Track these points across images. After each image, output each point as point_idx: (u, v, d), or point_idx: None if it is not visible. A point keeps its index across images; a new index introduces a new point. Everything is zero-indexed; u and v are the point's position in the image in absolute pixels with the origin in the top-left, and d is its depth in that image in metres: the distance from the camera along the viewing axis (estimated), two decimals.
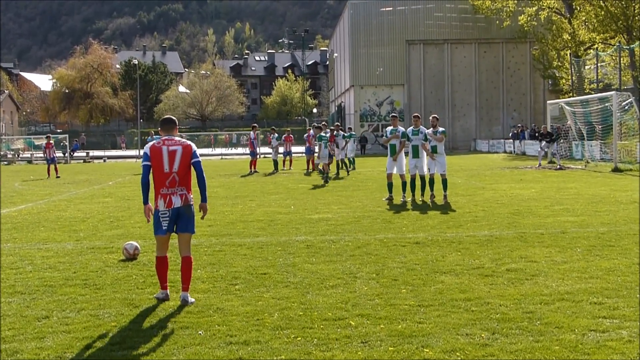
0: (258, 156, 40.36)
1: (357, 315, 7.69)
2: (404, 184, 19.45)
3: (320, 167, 31.79)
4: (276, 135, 39.71)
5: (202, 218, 9.03)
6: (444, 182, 19.24)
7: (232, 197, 22.36)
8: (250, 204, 19.81)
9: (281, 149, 40.34)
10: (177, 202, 8.57)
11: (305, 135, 36.55)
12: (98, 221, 16.49)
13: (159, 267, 8.65)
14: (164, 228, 8.54)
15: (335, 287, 9.04)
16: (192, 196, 8.76)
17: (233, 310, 8.00)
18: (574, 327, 7.05)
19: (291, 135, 41.17)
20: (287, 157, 39.83)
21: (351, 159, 35.70)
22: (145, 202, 8.67)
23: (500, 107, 74.01)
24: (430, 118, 19.97)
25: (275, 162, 36.93)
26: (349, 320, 7.50)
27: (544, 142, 36.92)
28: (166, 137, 8.67)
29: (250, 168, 36.12)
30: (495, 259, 10.72)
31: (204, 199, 8.81)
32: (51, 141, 38.59)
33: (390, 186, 19.51)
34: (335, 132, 32.35)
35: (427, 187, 19.44)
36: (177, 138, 8.69)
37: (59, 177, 36.04)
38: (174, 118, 8.99)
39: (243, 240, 13.02)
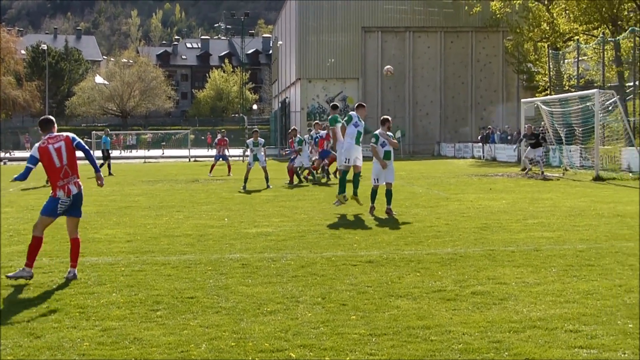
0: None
1: (299, 346, 7.67)
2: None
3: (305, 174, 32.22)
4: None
5: (101, 186, 11.86)
6: (390, 194, 19.35)
7: (156, 207, 22.21)
8: (177, 216, 19.70)
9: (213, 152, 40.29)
10: (74, 189, 11.13)
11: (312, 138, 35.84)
12: None
13: (34, 246, 11.00)
14: (58, 212, 11.11)
15: (274, 313, 9.02)
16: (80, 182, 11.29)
17: (153, 340, 7.93)
18: (546, 359, 7.12)
19: (226, 139, 41.03)
20: (224, 162, 39.63)
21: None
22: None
23: (469, 105, 74.83)
24: (386, 118, 20.05)
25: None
26: (289, 352, 7.48)
27: (528, 147, 36.46)
28: (48, 136, 11.15)
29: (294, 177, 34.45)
30: (459, 280, 10.79)
31: (96, 170, 11.51)
32: None
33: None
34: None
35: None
36: (57, 134, 11.21)
37: None
38: (51, 118, 11.61)
39: (167, 259, 12.93)
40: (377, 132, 19.45)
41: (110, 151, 43.25)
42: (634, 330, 8.01)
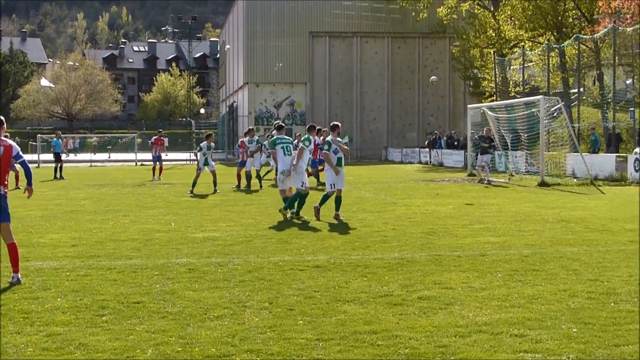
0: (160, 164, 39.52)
1: (246, 351, 7.66)
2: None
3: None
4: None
5: (29, 197, 11.71)
6: (340, 200, 19.41)
7: (102, 211, 22.03)
8: (123, 220, 19.55)
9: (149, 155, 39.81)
10: None
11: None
12: None
13: None
14: None
15: (221, 318, 8.99)
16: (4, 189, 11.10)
17: (99, 346, 7.85)
18: None
19: (162, 139, 40.53)
20: (157, 164, 39.01)
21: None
22: None
23: (416, 110, 75.16)
24: (336, 125, 20.08)
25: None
26: (235, 357, 7.46)
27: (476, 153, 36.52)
28: None
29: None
30: (405, 285, 10.84)
31: (29, 183, 11.37)
32: None
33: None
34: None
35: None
36: (2, 139, 11.03)
37: None
38: (1, 118, 11.34)
39: (113, 263, 12.83)
40: (328, 138, 19.47)
41: (61, 154, 42.80)
42: (578, 334, 8.10)
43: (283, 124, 22.29)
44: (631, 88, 50.27)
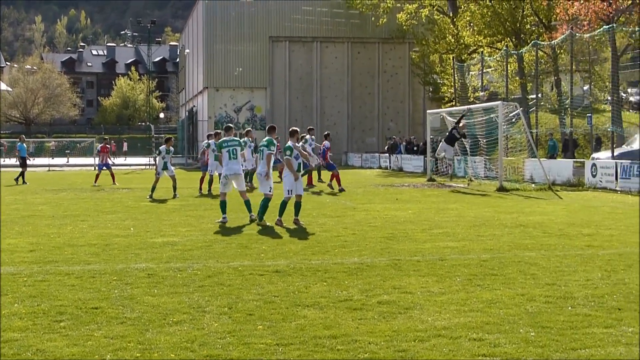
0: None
1: (205, 356, 7.63)
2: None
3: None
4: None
5: None
6: (299, 205, 19.41)
7: (60, 216, 21.85)
8: (81, 225, 19.40)
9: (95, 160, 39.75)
10: None
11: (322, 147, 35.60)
12: None
13: None
14: None
15: (180, 323, 8.95)
16: None
17: (57, 352, 7.79)
18: None
19: (108, 146, 40.25)
20: (103, 171, 38.66)
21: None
22: None
23: (376, 115, 75.40)
24: (295, 130, 20.11)
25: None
26: None
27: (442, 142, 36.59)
28: None
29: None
30: (365, 290, 10.87)
31: None
32: None
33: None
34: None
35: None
36: None
37: None
38: None
39: (71, 268, 12.73)
40: (290, 144, 19.41)
41: (27, 158, 42.37)
42: (535, 338, 8.17)
43: (231, 125, 22.11)
44: (588, 94, 50.93)
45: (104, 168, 38.56)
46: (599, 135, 48.64)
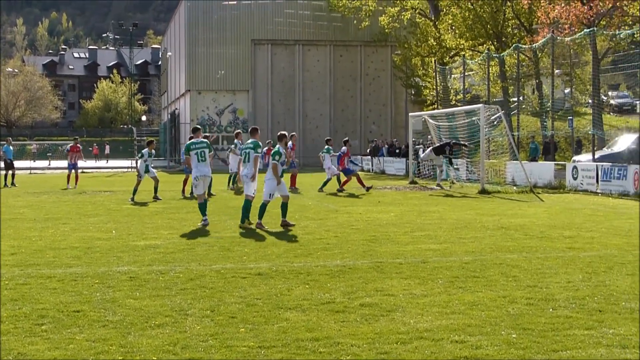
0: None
1: (188, 359, 7.62)
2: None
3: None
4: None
5: None
6: (286, 206, 19.49)
7: (41, 219, 21.75)
8: (63, 228, 19.32)
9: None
10: None
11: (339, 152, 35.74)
12: None
13: None
14: None
15: (163, 326, 8.93)
16: None
17: (38, 355, 7.76)
18: None
19: (79, 146, 40.09)
20: (73, 172, 38.64)
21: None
22: None
23: (358, 118, 75.50)
24: (283, 134, 20.15)
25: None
26: None
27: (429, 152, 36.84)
28: None
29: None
30: (347, 292, 10.87)
31: None
32: None
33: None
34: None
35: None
36: None
37: None
38: None
39: (53, 272, 12.67)
40: (279, 149, 19.44)
41: (13, 161, 42.21)
42: (517, 340, 8.20)
43: (199, 127, 22.07)
44: (569, 97, 51.12)
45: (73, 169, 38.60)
46: (580, 138, 48.86)
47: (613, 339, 8.26)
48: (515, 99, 49.59)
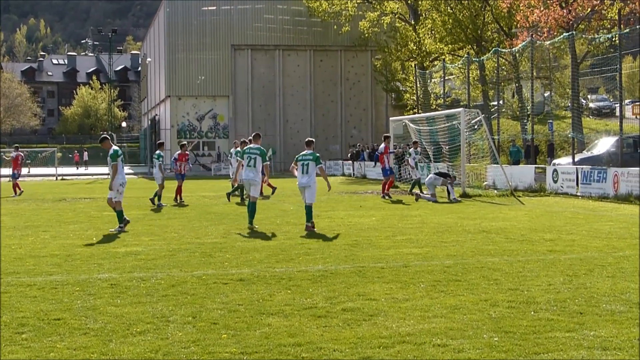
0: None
1: None
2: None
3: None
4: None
5: None
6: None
7: (21, 227, 21.65)
8: (43, 236, 19.24)
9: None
10: None
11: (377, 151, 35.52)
12: None
13: None
14: None
15: (144, 333, 8.90)
16: None
17: None
18: None
19: (20, 153, 40.30)
20: (13, 180, 39.03)
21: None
22: None
23: (339, 123, 75.62)
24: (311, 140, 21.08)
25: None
26: None
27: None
28: None
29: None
30: (329, 297, 10.87)
31: None
32: None
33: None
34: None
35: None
36: None
37: None
38: None
39: (33, 280, 12.61)
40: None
41: None
42: (499, 343, 8.22)
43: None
44: (549, 101, 51.42)
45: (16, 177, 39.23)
46: (552, 142, 49.10)
47: (594, 341, 8.30)
48: (496, 103, 49.84)
